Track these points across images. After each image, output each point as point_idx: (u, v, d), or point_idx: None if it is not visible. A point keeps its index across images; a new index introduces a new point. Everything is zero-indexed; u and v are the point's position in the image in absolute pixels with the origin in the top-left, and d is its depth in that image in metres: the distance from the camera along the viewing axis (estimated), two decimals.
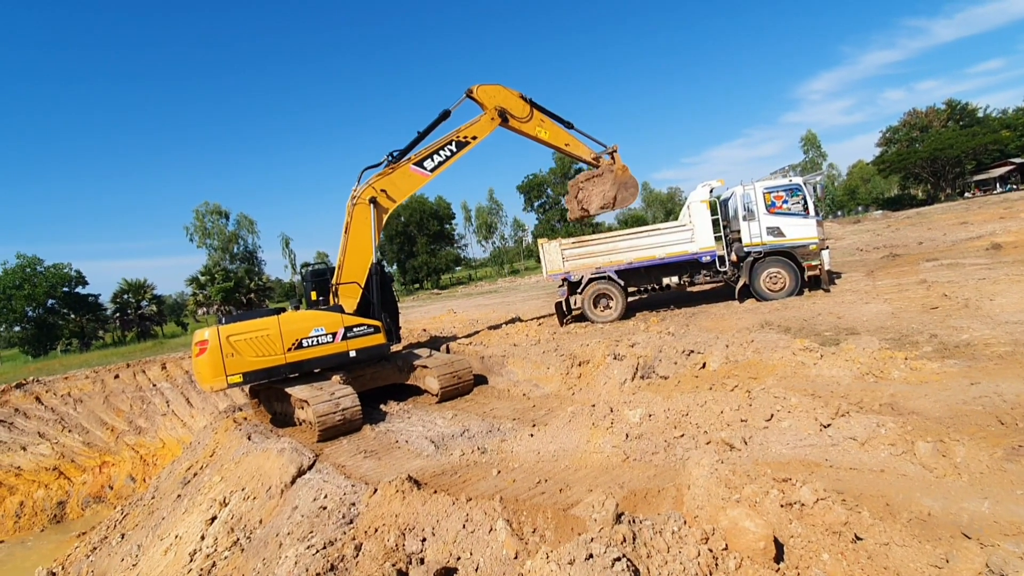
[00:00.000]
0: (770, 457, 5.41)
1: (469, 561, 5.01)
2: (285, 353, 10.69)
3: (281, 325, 10.76)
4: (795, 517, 3.38)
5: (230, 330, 10.42)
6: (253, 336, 10.51)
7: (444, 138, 13.32)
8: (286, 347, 10.69)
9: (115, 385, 21.43)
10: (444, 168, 13.37)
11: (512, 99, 14.16)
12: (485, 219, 79.23)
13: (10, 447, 18.40)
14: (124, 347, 42.04)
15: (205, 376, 10.32)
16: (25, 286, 49.42)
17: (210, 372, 10.20)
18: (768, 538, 3.09)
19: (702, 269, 15.71)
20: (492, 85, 13.96)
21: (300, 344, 10.84)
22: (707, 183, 15.47)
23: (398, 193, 12.91)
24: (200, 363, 10.31)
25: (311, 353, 10.98)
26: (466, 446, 8.30)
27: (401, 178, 12.85)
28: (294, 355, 10.78)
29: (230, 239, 60.29)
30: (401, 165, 12.84)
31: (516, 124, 14.20)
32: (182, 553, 8.12)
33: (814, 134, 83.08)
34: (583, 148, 15.67)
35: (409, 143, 13.01)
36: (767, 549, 3.07)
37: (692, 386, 8.39)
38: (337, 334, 11.23)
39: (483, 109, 13.80)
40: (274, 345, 10.61)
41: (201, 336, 10.40)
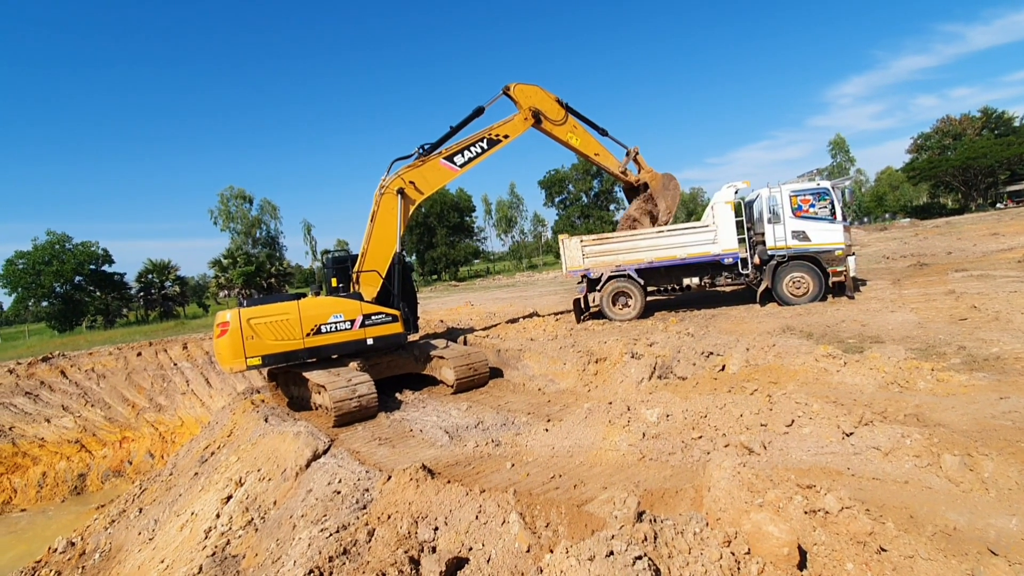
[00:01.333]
0: (790, 463, 5.32)
1: (481, 552, 5.00)
2: (304, 338, 10.79)
3: (301, 310, 10.86)
4: (819, 525, 3.31)
5: (251, 313, 10.53)
6: (273, 320, 10.62)
7: (476, 135, 13.31)
8: (305, 332, 10.79)
9: (137, 363, 21.83)
10: (473, 164, 13.36)
11: (548, 101, 14.15)
12: (505, 213, 79.17)
13: (35, 419, 18.85)
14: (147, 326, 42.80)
15: (225, 357, 10.48)
16: (54, 262, 50.51)
17: (230, 353, 10.36)
18: (792, 544, 3.03)
19: (724, 271, 15.53)
20: (530, 85, 13.95)
21: (319, 329, 10.93)
22: (732, 184, 15.27)
23: (426, 186, 12.96)
24: (221, 344, 10.47)
25: (329, 339, 11.07)
26: (480, 438, 8.30)
27: (431, 171, 12.88)
28: (312, 340, 10.88)
29: (253, 224, 60.97)
30: (432, 158, 12.85)
31: (548, 127, 14.15)
32: (197, 530, 8.24)
33: (843, 138, 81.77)
34: (612, 160, 15.66)
35: (441, 137, 13.05)
36: (791, 555, 3.01)
37: (711, 388, 8.29)
38: (355, 321, 11.30)
39: (518, 108, 13.76)
40: (293, 329, 10.71)
41: (223, 318, 10.56)
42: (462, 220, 68.63)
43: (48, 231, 52.84)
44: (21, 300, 52.83)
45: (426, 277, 66.81)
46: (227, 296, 55.83)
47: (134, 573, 8.68)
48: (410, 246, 67.75)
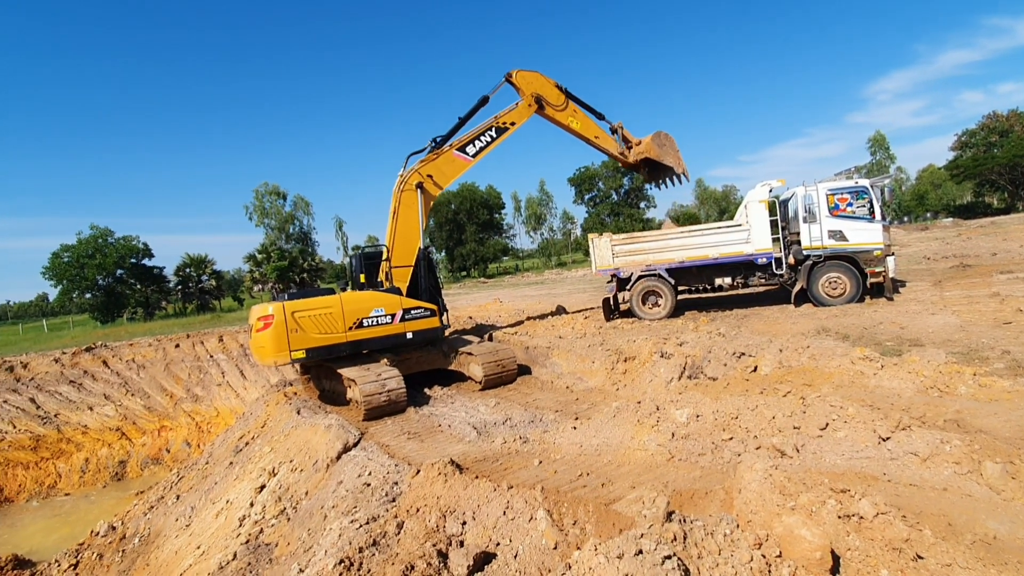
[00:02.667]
0: (823, 467, 5.22)
1: (508, 548, 5.03)
2: (346, 332, 10.92)
3: (343, 304, 10.98)
4: (853, 530, 3.25)
5: (295, 306, 10.58)
6: (317, 313, 10.71)
7: (484, 124, 13.40)
8: (347, 326, 10.93)
9: (175, 354, 22.46)
10: (485, 153, 13.48)
11: (548, 87, 14.15)
12: (535, 210, 79.01)
13: (78, 406, 19.55)
14: (184, 318, 44.01)
15: (268, 350, 10.46)
16: (97, 256, 52.20)
17: (274, 347, 10.36)
18: (825, 548, 2.98)
19: (757, 271, 15.27)
20: (530, 71, 13.96)
21: (361, 323, 11.08)
22: (767, 183, 15.00)
23: (443, 179, 13.09)
24: (263, 338, 10.47)
25: (370, 333, 11.22)
26: (508, 434, 8.33)
27: (446, 164, 12.98)
28: (354, 334, 11.02)
29: (286, 219, 62.02)
30: (445, 151, 12.96)
31: (551, 112, 14.20)
32: (232, 518, 8.46)
33: (883, 135, 79.30)
34: (611, 142, 15.58)
35: (451, 129, 13.11)
36: (823, 560, 2.96)
37: (742, 389, 8.18)
38: (396, 315, 11.48)
39: (520, 95, 13.80)
40: (336, 323, 10.83)
41: (265, 311, 10.57)
42: (491, 217, 68.80)
43: (92, 225, 54.65)
44: (66, 292, 54.73)
45: (455, 274, 67.17)
46: (261, 290, 57.01)
47: (171, 558, 8.96)
48: (439, 243, 68.20)
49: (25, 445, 17.68)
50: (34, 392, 19.98)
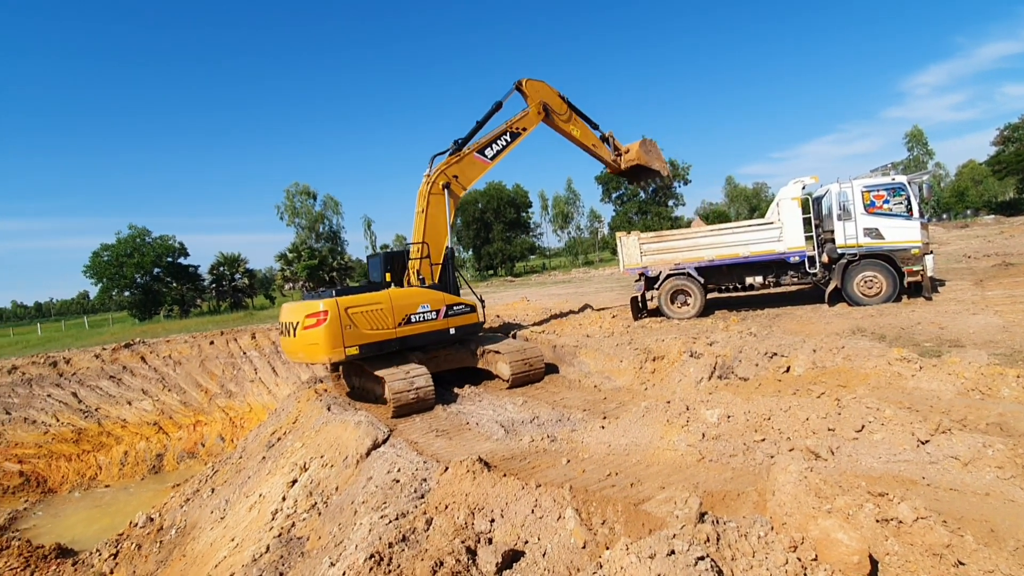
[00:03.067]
0: (860, 470, 5.10)
1: (537, 546, 5.04)
2: (395, 327, 10.97)
3: (392, 300, 11.04)
4: (892, 534, 3.17)
5: (347, 302, 10.50)
6: (368, 309, 10.69)
7: (500, 129, 13.74)
8: (396, 321, 10.99)
9: (210, 351, 23.00)
10: (502, 157, 13.88)
11: (554, 96, 14.55)
12: (562, 208, 78.79)
13: (118, 401, 20.17)
14: (218, 316, 45.04)
15: (323, 347, 10.23)
16: (135, 255, 53.74)
17: (329, 343, 10.19)
18: (863, 553, 2.91)
19: (789, 270, 14.99)
20: (538, 80, 14.28)
21: (408, 319, 11.17)
22: (799, 179, 14.71)
23: (467, 180, 13.40)
24: (316, 334, 10.23)
25: (417, 329, 11.29)
26: (536, 433, 8.33)
27: (468, 166, 13.27)
28: (402, 330, 11.09)
29: (316, 219, 62.93)
30: (467, 153, 13.24)
31: (556, 120, 14.67)
32: (265, 511, 8.63)
33: (920, 130, 77.08)
34: (605, 150, 16.09)
35: (469, 132, 13.41)
36: (861, 564, 2.89)
37: (774, 390, 8.04)
38: (440, 311, 11.61)
39: (528, 103, 14.12)
40: (386, 319, 10.87)
41: (315, 308, 10.35)
42: (519, 216, 68.80)
43: (130, 225, 56.28)
44: (106, 290, 56.49)
45: (482, 272, 67.33)
46: (292, 288, 58.01)
47: (207, 550, 9.18)
48: (467, 241, 68.49)
49: (68, 438, 18.31)
50: (76, 387, 20.68)
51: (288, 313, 11.29)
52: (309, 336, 10.42)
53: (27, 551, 12.01)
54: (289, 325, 11.01)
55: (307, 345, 10.58)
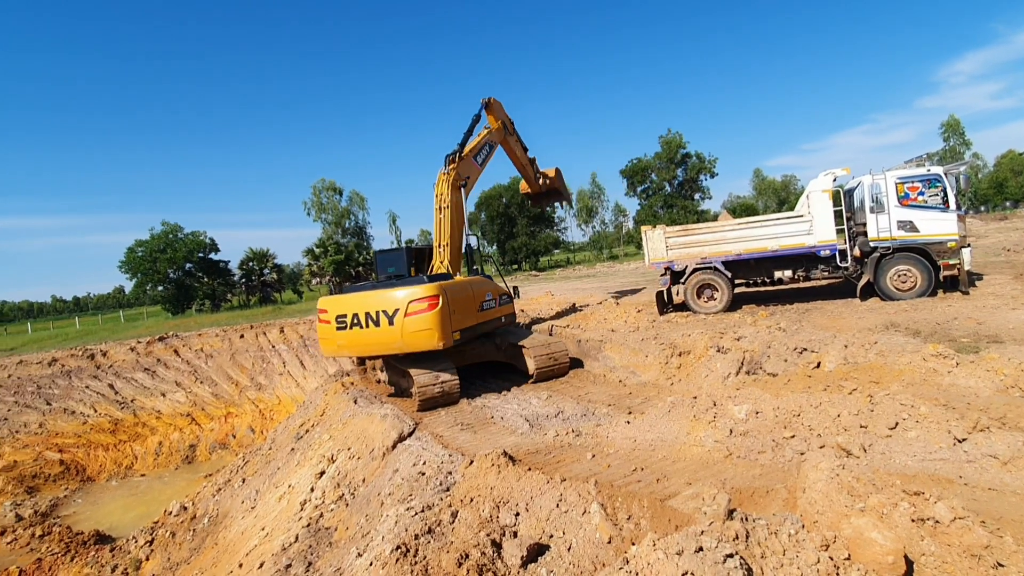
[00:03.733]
0: (893, 468, 4.99)
1: (562, 540, 5.03)
2: (476, 314, 11.03)
3: (472, 286, 11.17)
4: (928, 534, 3.08)
5: (445, 286, 10.34)
6: (460, 294, 10.65)
7: (481, 138, 14.62)
8: (477, 307, 11.10)
9: (240, 344, 23.46)
10: (486, 164, 15.04)
11: (504, 114, 15.47)
12: (586, 203, 78.23)
13: (152, 392, 20.70)
14: (248, 310, 45.88)
15: (436, 332, 9.92)
16: (168, 250, 55.00)
17: (442, 327, 9.93)
18: (898, 553, 2.84)
19: (820, 263, 14.68)
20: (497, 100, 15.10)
21: (482, 306, 11.28)
22: (830, 171, 14.37)
23: (470, 182, 14.29)
24: (428, 320, 9.90)
25: (487, 316, 11.43)
26: (560, 427, 8.32)
27: (468, 167, 14.07)
28: (480, 316, 11.18)
29: (343, 214, 63.51)
30: (467, 157, 14.02)
31: (509, 138, 15.85)
32: (294, 502, 8.79)
33: (957, 120, 74.46)
34: (532, 171, 17.53)
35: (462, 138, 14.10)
36: (896, 564, 2.82)
37: (804, 386, 7.89)
38: (497, 300, 11.87)
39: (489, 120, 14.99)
40: (471, 305, 10.93)
41: (430, 291, 10.00)
42: (543, 210, 68.56)
43: (163, 222, 57.58)
44: (140, 285, 57.90)
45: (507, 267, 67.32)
46: (319, 283, 58.74)
47: (238, 538, 9.39)
48: (491, 236, 68.53)
49: (105, 428, 18.88)
50: (113, 379, 21.30)
51: (358, 303, 10.38)
52: (418, 322, 9.94)
53: (67, 537, 12.45)
54: (367, 316, 10.22)
55: (414, 332, 10.01)
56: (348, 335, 10.36)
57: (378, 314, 10.06)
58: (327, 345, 10.92)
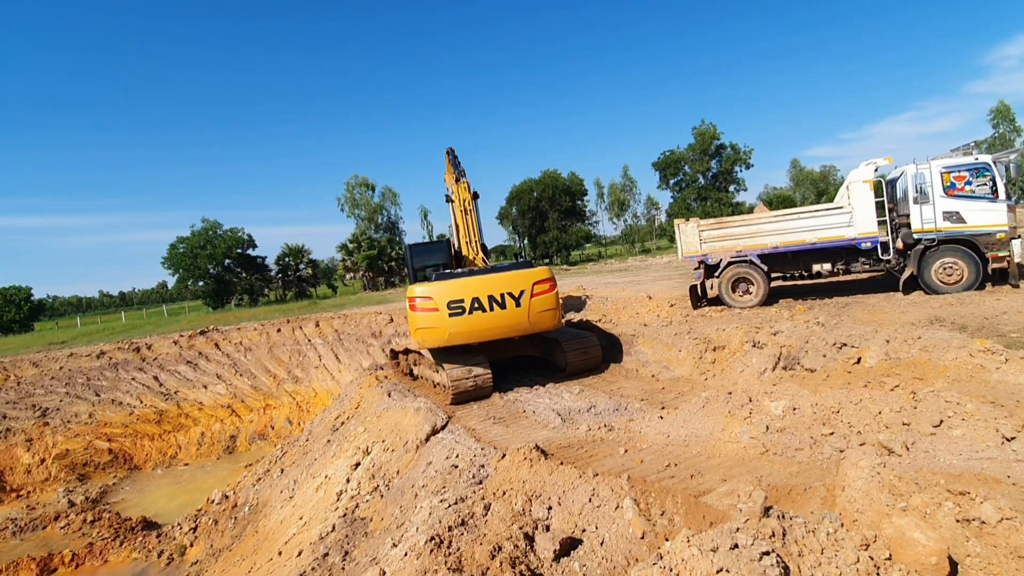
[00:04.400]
0: (937, 467, 4.84)
1: (594, 535, 5.04)
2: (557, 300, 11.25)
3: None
4: (973, 535, 2.99)
5: None
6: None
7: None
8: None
9: (277, 338, 23.99)
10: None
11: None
12: (618, 196, 77.46)
13: (194, 384, 21.35)
14: (285, 304, 46.87)
15: (557, 312, 10.76)
16: (208, 246, 56.44)
17: (559, 308, 10.80)
18: (942, 553, 2.77)
19: (860, 256, 14.27)
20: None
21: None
22: (871, 161, 13.94)
23: None
24: (549, 300, 10.52)
25: None
26: (593, 422, 8.30)
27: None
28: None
29: (375, 210, 64.25)
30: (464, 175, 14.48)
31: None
32: (330, 492, 8.98)
33: (1007, 105, 70.93)
34: None
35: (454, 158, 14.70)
36: (940, 565, 2.75)
37: (843, 382, 7.71)
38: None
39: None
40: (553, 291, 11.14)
41: (548, 273, 10.72)
42: (574, 204, 68.07)
43: (203, 218, 59.16)
44: (182, 280, 59.59)
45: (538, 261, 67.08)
46: (353, 278, 59.63)
47: (277, 527, 9.65)
48: (522, 230, 68.47)
49: (150, 419, 19.57)
50: (157, 371, 22.04)
51: (480, 287, 10.29)
52: (543, 302, 10.49)
53: (116, 523, 12.97)
54: (491, 299, 10.22)
55: (539, 313, 10.47)
56: (468, 320, 10.16)
57: (503, 296, 10.22)
58: (431, 335, 10.31)
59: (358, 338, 23.21)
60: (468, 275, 10.71)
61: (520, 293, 10.28)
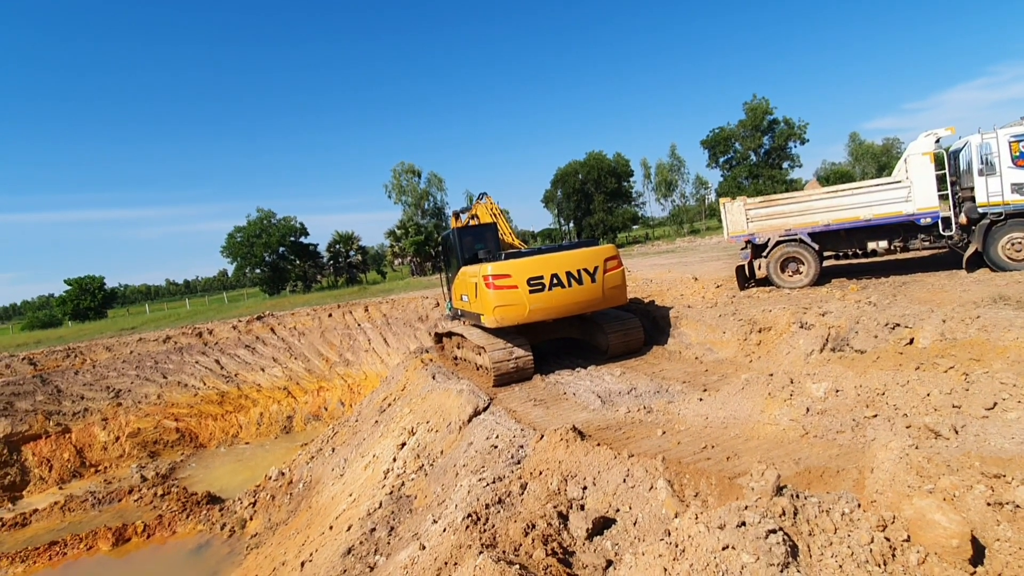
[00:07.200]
0: (987, 451, 4.65)
1: (628, 515, 5.10)
2: None
3: None
4: (1006, 519, 2.89)
5: None
6: None
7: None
8: None
9: (329, 323, 24.78)
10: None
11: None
12: (665, 176, 75.65)
13: (253, 368, 22.33)
14: (336, 290, 48.22)
15: (625, 290, 11.32)
16: (263, 235, 58.47)
17: (626, 286, 11.30)
18: (964, 536, 2.69)
19: (920, 233, 13.58)
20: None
21: None
22: (932, 132, 13.19)
23: None
24: (619, 276, 11.03)
25: None
26: (632, 404, 8.31)
27: None
28: None
29: (422, 196, 64.97)
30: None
31: None
32: (378, 470, 9.32)
33: None
34: None
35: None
36: (961, 548, 2.68)
37: (894, 363, 7.46)
38: None
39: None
40: None
41: (616, 251, 11.21)
42: (620, 185, 66.96)
43: (258, 208, 61.18)
44: (240, 268, 62.07)
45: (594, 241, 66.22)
46: (401, 264, 60.71)
47: (329, 503, 10.09)
48: (567, 213, 68.00)
49: (213, 400, 20.63)
50: (218, 355, 23.15)
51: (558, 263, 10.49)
52: (614, 278, 10.92)
53: (184, 497, 13.82)
54: (568, 275, 10.45)
55: (612, 288, 10.90)
56: (548, 296, 10.35)
57: (580, 272, 10.55)
58: (511, 312, 10.31)
59: (405, 322, 23.74)
60: (537, 253, 10.96)
61: (595, 269, 10.62)
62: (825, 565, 2.61)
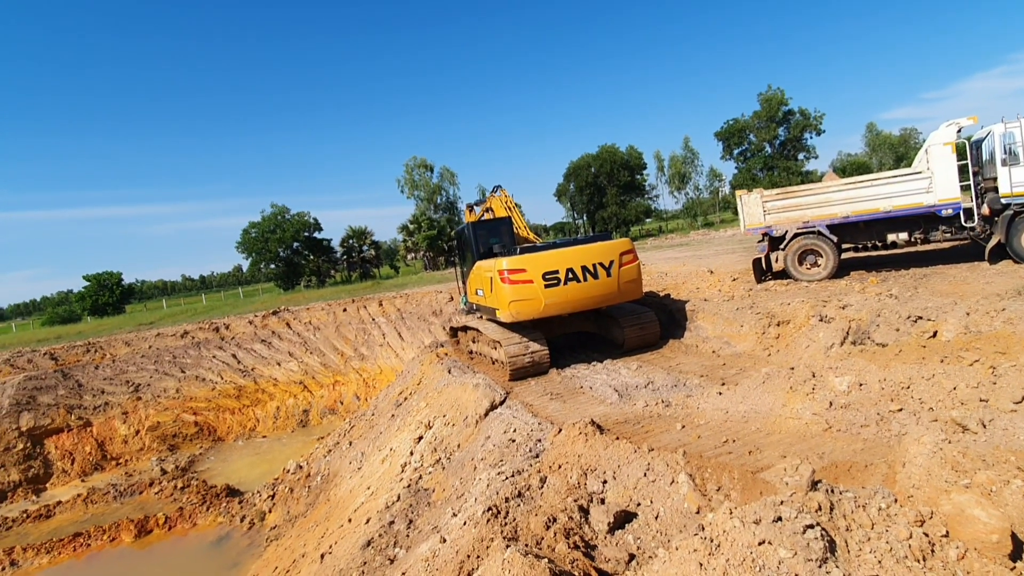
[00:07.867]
0: (1016, 445, 4.58)
1: (649, 509, 5.07)
2: None
3: None
4: None
5: None
6: None
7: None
8: None
9: (343, 317, 24.91)
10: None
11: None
12: (679, 168, 75.11)
13: (269, 362, 22.52)
14: (349, 285, 48.51)
15: (641, 284, 11.29)
16: (277, 231, 58.88)
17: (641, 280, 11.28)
18: (1004, 532, 2.65)
19: (941, 224, 13.36)
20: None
21: None
22: (953, 122, 12.95)
23: None
24: (635, 270, 11.04)
25: None
26: (650, 398, 8.27)
27: None
28: None
29: (434, 190, 64.99)
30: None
31: None
32: (395, 464, 9.36)
33: None
34: None
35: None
36: (1001, 544, 2.63)
37: (917, 357, 7.34)
38: None
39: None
40: None
41: (631, 245, 11.16)
42: (633, 178, 66.64)
43: (272, 204, 61.64)
44: (255, 263, 62.54)
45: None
46: (414, 258, 60.86)
47: (346, 496, 10.16)
48: (580, 206, 67.80)
49: (231, 394, 20.84)
50: (235, 349, 23.37)
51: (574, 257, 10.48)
52: (630, 272, 10.89)
53: (203, 489, 14.00)
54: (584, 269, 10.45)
55: (627, 282, 10.89)
56: (564, 291, 10.35)
57: (595, 266, 10.53)
58: (527, 307, 10.28)
59: (419, 316, 23.81)
60: (553, 247, 10.90)
61: (610, 263, 10.59)
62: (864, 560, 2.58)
